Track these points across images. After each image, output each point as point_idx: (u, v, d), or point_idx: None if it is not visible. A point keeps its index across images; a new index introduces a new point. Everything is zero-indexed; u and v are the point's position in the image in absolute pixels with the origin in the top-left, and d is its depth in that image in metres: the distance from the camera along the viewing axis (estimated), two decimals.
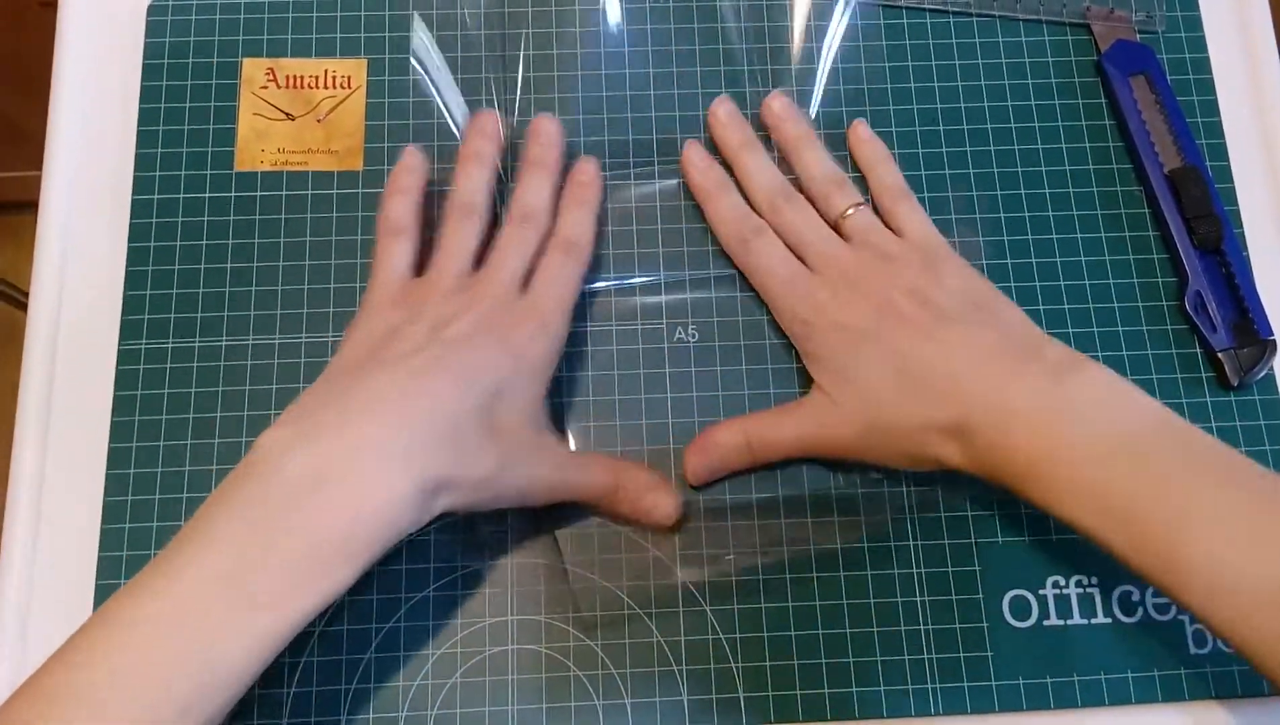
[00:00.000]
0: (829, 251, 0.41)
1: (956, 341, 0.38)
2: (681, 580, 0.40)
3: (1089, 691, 0.39)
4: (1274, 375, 0.43)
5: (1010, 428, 0.36)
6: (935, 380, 0.38)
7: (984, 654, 0.40)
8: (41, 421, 0.42)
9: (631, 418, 0.42)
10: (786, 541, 0.41)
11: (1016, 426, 0.36)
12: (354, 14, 0.47)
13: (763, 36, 0.47)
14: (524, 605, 0.40)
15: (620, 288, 0.43)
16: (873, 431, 0.39)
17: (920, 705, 0.39)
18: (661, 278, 0.44)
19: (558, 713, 0.39)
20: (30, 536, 0.41)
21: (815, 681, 0.40)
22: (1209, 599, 0.32)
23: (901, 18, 0.48)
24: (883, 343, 0.39)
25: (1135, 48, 0.47)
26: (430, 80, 0.45)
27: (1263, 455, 0.42)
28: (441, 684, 0.39)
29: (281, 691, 0.39)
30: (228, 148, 0.45)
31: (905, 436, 0.38)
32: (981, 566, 0.41)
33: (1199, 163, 0.45)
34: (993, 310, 0.40)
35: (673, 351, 0.43)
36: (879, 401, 0.39)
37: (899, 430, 0.38)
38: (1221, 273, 0.44)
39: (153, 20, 0.46)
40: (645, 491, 0.40)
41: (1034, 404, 0.36)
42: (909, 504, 0.42)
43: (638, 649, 0.40)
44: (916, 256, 0.41)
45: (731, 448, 0.41)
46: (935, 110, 0.46)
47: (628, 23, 0.47)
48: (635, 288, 0.43)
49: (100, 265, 0.44)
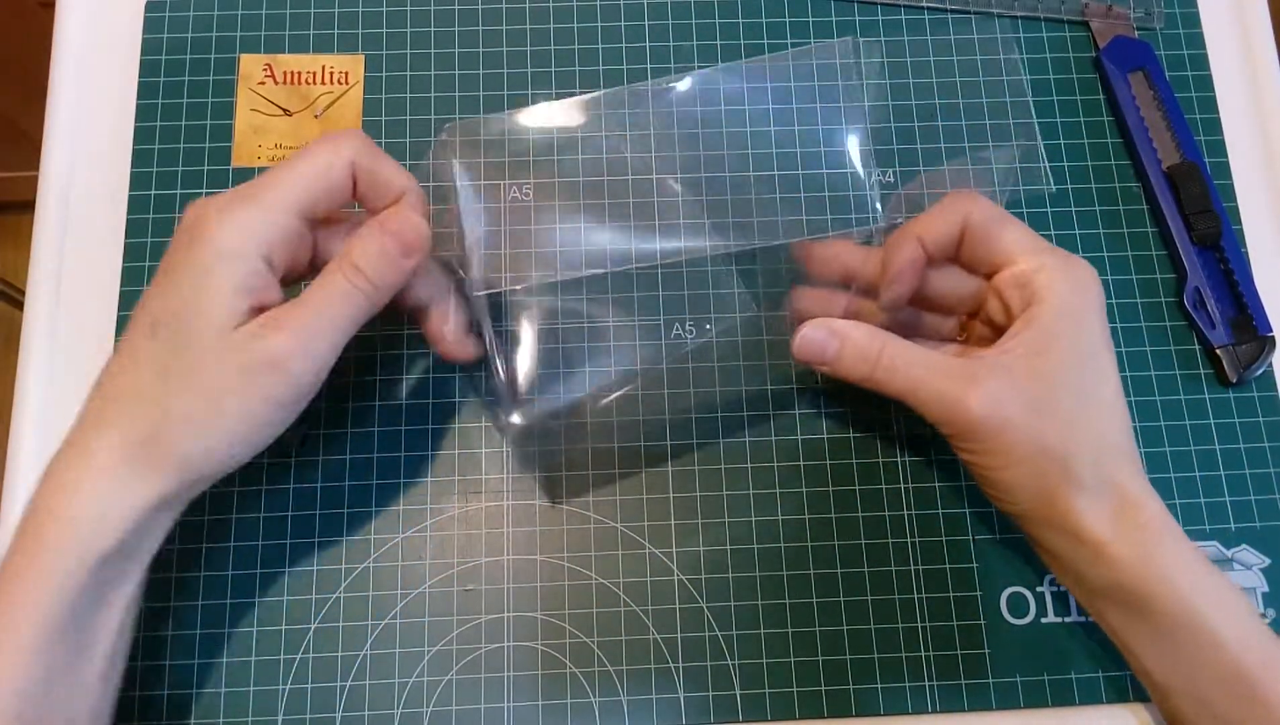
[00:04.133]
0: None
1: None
2: (678, 577, 0.40)
3: (1086, 689, 0.39)
4: (1272, 372, 0.43)
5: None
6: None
7: (981, 651, 0.40)
8: (39, 420, 0.42)
9: (628, 414, 0.42)
10: (784, 538, 0.41)
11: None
12: (351, 10, 0.47)
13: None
14: (520, 602, 0.40)
15: (619, 286, 0.43)
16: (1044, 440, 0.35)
17: (917, 703, 0.39)
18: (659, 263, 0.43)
19: (554, 710, 0.39)
20: None
21: (812, 679, 0.39)
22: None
23: (900, 15, 0.48)
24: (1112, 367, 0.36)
25: (1134, 44, 0.47)
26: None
27: (1261, 452, 0.42)
28: (437, 681, 0.39)
29: (277, 688, 0.39)
30: (225, 144, 0.45)
31: (1067, 472, 0.35)
32: (979, 564, 0.41)
33: (1198, 159, 0.45)
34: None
35: (671, 348, 0.43)
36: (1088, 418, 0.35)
37: (1075, 459, 0.35)
38: (1220, 269, 0.44)
39: (150, 17, 0.47)
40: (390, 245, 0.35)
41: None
42: (906, 501, 0.41)
43: (634, 646, 0.40)
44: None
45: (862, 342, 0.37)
46: (934, 106, 0.46)
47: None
48: (634, 288, 0.43)
49: (98, 262, 0.44)
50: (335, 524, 0.41)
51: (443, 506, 0.41)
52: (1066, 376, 0.35)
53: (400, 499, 0.41)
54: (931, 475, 0.42)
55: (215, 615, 0.39)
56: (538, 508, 0.41)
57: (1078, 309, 0.36)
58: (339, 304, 0.34)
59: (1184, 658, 0.34)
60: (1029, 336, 0.35)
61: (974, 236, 0.37)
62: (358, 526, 0.41)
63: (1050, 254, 0.36)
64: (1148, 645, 0.35)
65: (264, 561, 0.40)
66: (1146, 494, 0.35)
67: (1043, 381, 0.35)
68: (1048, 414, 0.35)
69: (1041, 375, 0.35)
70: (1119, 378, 0.36)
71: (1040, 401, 0.35)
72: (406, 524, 0.41)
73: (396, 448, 0.42)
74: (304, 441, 0.41)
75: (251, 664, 0.39)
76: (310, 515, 0.41)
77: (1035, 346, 0.35)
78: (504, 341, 0.41)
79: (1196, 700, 0.34)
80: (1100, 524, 0.34)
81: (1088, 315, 0.36)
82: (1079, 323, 0.36)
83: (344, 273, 0.34)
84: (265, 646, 0.39)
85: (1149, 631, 0.35)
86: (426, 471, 0.41)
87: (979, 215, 0.37)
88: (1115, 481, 0.35)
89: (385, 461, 0.41)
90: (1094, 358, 0.36)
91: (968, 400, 0.35)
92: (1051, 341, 0.35)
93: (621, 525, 0.41)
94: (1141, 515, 0.35)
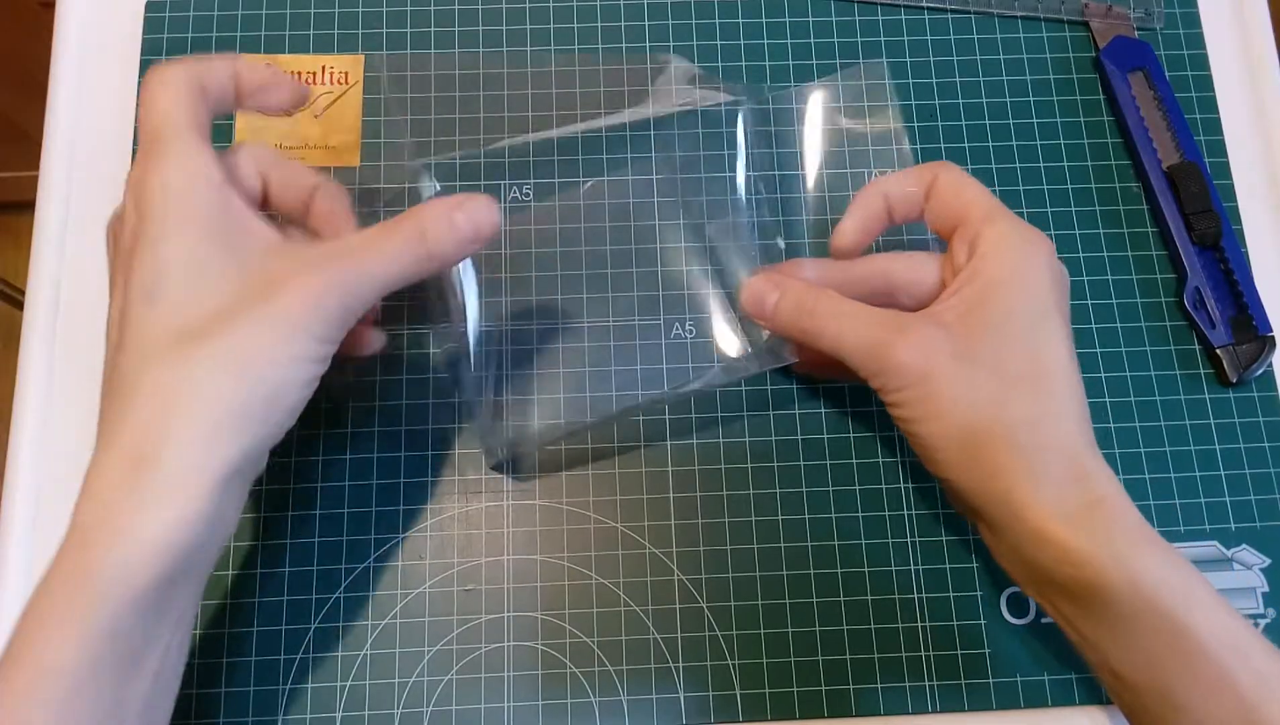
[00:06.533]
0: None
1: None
2: (678, 577, 0.40)
3: (1087, 689, 0.39)
4: (1273, 372, 0.43)
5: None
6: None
7: (981, 651, 0.40)
8: (39, 419, 0.42)
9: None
10: (785, 538, 0.41)
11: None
12: (351, 10, 0.47)
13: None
14: (520, 602, 0.40)
15: (619, 286, 0.43)
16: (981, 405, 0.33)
17: (917, 703, 0.39)
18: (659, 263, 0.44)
19: (554, 709, 0.39)
20: (28, 538, 0.41)
21: (812, 679, 0.39)
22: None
23: (900, 15, 0.48)
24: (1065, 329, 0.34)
25: (1134, 44, 0.47)
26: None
27: (1261, 452, 0.42)
28: (437, 680, 0.39)
29: (277, 688, 0.39)
30: (225, 144, 0.45)
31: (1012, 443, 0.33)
32: (979, 563, 0.41)
33: (1198, 159, 0.45)
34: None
35: (670, 347, 0.43)
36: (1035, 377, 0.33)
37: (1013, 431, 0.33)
38: (1220, 269, 0.44)
39: (150, 17, 0.47)
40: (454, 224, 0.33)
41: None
42: (906, 501, 0.41)
43: (634, 646, 0.40)
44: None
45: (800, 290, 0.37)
46: (933, 107, 0.46)
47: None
48: (633, 284, 0.43)
49: (98, 262, 0.44)
50: (335, 524, 0.41)
51: (443, 506, 0.41)
52: (1003, 332, 0.34)
53: (400, 499, 0.41)
54: (931, 475, 0.42)
55: (215, 615, 0.39)
56: (538, 508, 0.41)
57: (1023, 270, 0.34)
58: (394, 250, 0.32)
59: (1143, 647, 0.31)
60: (968, 292, 0.35)
61: (939, 196, 0.37)
62: (358, 526, 0.41)
63: (1004, 216, 0.36)
64: (1105, 635, 0.32)
65: (264, 561, 0.40)
66: (1099, 469, 0.33)
67: (975, 334, 0.34)
68: (978, 366, 0.33)
69: (974, 327, 0.34)
70: (1073, 349, 0.34)
71: (971, 352, 0.33)
72: (407, 524, 0.41)
73: (397, 448, 0.42)
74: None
75: (251, 664, 0.39)
76: (310, 515, 0.41)
77: (972, 300, 0.34)
78: (485, 366, 0.41)
79: (1159, 694, 0.31)
80: (1044, 498, 0.32)
81: (1034, 277, 0.34)
82: (1023, 282, 0.34)
83: (404, 230, 0.32)
84: (265, 647, 0.39)
85: (1106, 620, 0.32)
86: (426, 471, 0.41)
87: (946, 176, 0.37)
88: (1061, 449, 0.33)
89: (385, 461, 0.41)
90: (1042, 320, 0.34)
91: (894, 346, 0.34)
92: (989, 295, 0.34)
93: (621, 525, 0.41)
94: (1093, 491, 0.32)
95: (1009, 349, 0.34)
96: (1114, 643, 0.32)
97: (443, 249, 0.33)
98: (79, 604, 0.28)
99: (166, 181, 0.31)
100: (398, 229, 0.32)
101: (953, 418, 0.33)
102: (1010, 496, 0.32)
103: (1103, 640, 0.32)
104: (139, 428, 0.29)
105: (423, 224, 0.33)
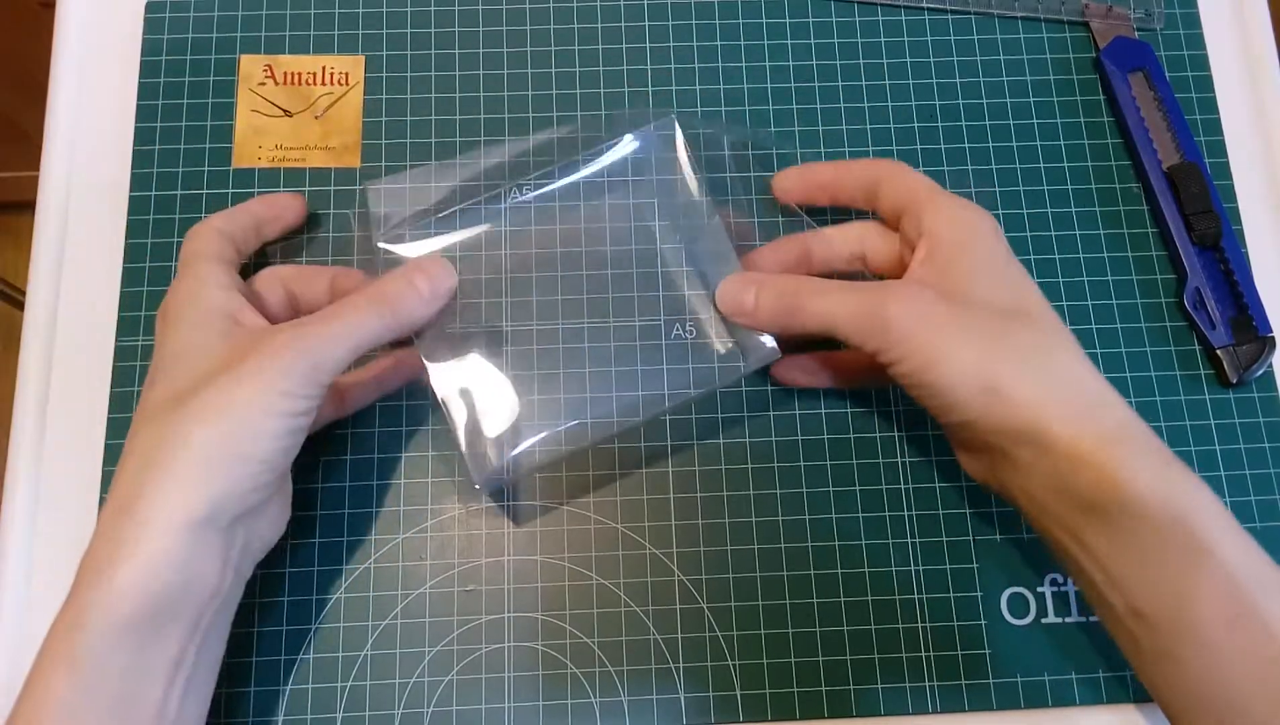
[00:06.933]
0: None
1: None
2: (679, 577, 0.40)
3: (1087, 689, 0.39)
4: (1273, 372, 0.43)
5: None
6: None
7: (982, 652, 0.40)
8: (39, 419, 0.42)
9: (629, 416, 0.42)
10: (785, 539, 0.41)
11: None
12: (352, 11, 0.47)
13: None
14: (521, 603, 0.40)
15: (618, 282, 0.43)
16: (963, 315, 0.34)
17: (918, 703, 0.39)
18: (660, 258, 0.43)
19: (554, 710, 0.39)
20: (27, 534, 0.41)
21: (813, 679, 0.39)
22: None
23: (900, 15, 0.48)
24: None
25: (1134, 45, 0.47)
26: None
27: (1261, 453, 0.42)
28: (438, 681, 0.39)
29: (278, 689, 0.39)
30: (225, 145, 0.45)
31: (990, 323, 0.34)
32: (979, 564, 0.41)
33: (1198, 159, 0.45)
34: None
35: (670, 348, 0.43)
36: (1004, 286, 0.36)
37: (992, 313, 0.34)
38: (1220, 269, 0.44)
39: (150, 18, 0.47)
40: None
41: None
42: (907, 501, 0.41)
43: (635, 646, 0.40)
44: None
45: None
46: (933, 107, 0.46)
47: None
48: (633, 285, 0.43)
49: (98, 262, 0.44)
50: (335, 524, 0.41)
51: (443, 507, 0.41)
52: (982, 277, 0.35)
53: (400, 499, 0.41)
54: (931, 475, 0.42)
55: None
56: (538, 508, 0.41)
57: (976, 232, 0.36)
58: (355, 316, 0.35)
59: (1171, 574, 0.31)
60: (935, 255, 0.36)
61: (886, 185, 0.39)
62: (358, 527, 0.41)
63: (946, 195, 0.37)
64: (1133, 561, 0.31)
65: (264, 562, 0.40)
66: (1113, 394, 0.33)
67: (957, 282, 0.35)
68: (971, 305, 0.35)
69: (954, 277, 0.35)
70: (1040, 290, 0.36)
71: (960, 293, 0.35)
72: (407, 524, 0.41)
73: (397, 448, 0.42)
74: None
75: (252, 664, 0.39)
76: (310, 515, 0.41)
77: (941, 261, 0.36)
78: (466, 402, 0.40)
79: (1181, 629, 0.31)
80: (1072, 422, 0.32)
81: (987, 237, 0.36)
82: (980, 239, 0.36)
83: (367, 295, 0.36)
84: (266, 647, 0.39)
85: (1135, 543, 0.31)
86: (427, 471, 0.41)
87: (891, 167, 0.39)
88: (1073, 374, 0.33)
89: (385, 461, 0.41)
90: (1009, 266, 0.36)
91: (886, 303, 0.35)
92: (955, 254, 0.36)
93: (622, 525, 0.41)
94: (1115, 414, 0.33)
95: (994, 291, 0.35)
96: (1142, 570, 0.31)
97: (406, 307, 0.37)
98: (69, 640, 0.31)
99: (179, 290, 0.37)
100: (362, 294, 0.36)
101: (963, 354, 0.33)
102: (1038, 425, 0.32)
103: (1131, 569, 0.32)
104: (125, 481, 0.33)
105: (384, 288, 0.37)
